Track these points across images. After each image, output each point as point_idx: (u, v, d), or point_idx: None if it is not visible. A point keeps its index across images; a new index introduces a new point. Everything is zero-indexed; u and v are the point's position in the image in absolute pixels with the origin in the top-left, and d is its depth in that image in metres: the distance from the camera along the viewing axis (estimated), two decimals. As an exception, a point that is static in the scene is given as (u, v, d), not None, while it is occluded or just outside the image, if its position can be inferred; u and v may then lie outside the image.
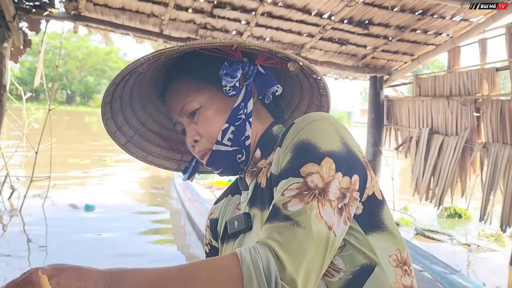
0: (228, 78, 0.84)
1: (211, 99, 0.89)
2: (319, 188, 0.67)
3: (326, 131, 0.73)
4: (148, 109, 1.05)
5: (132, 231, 4.45)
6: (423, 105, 5.38)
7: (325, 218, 0.65)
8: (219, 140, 0.88)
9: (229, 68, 0.85)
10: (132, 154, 1.03)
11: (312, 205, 0.66)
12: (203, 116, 0.88)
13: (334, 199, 0.67)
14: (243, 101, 0.88)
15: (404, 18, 4.52)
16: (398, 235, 0.78)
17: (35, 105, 27.31)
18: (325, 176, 0.68)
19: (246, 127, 0.88)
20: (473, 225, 5.60)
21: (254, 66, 0.88)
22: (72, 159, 8.91)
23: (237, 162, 0.90)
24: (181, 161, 1.11)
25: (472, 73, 4.63)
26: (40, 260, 3.45)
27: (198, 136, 0.89)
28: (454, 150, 4.79)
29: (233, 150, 0.88)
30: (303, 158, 0.71)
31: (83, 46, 49.08)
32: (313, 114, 0.77)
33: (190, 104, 0.89)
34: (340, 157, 0.71)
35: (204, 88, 0.90)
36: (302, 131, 0.74)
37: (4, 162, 4.77)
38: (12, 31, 3.87)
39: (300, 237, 0.64)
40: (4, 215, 4.58)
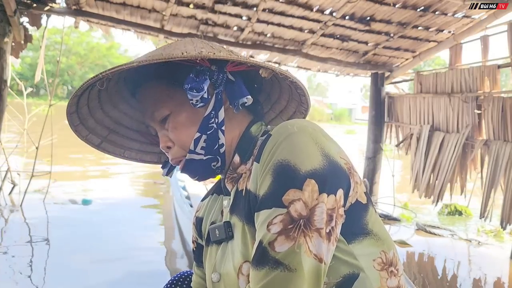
0: (193, 92, 0.80)
1: (181, 105, 0.86)
2: (303, 217, 0.65)
3: (305, 146, 0.70)
4: (121, 108, 1.02)
5: (132, 226, 4.45)
6: (424, 102, 5.37)
7: (314, 251, 0.64)
8: (191, 149, 0.86)
9: (195, 81, 0.81)
10: (108, 152, 1.02)
11: (299, 243, 0.64)
12: (173, 123, 0.86)
13: (321, 226, 0.65)
14: (214, 110, 0.85)
15: (406, 15, 4.51)
16: (384, 235, 0.76)
17: (36, 101, 27.38)
18: (309, 201, 0.66)
19: (219, 135, 0.86)
20: (473, 222, 5.60)
21: (223, 74, 0.85)
22: (74, 155, 8.92)
23: (212, 169, 0.88)
24: (161, 154, 1.08)
25: (473, 70, 4.62)
26: (43, 254, 3.46)
27: (171, 143, 0.88)
28: (455, 147, 4.79)
29: (207, 158, 0.86)
30: (284, 183, 0.68)
31: (84, 42, 49.06)
32: (290, 125, 0.74)
33: (160, 111, 0.86)
34: (322, 174, 0.68)
35: (175, 94, 0.86)
36: (280, 148, 0.71)
37: (5, 157, 4.78)
38: (13, 26, 3.87)
39: (293, 282, 0.63)
40: (5, 210, 4.59)
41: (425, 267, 3.96)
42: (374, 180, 6.04)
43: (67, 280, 2.97)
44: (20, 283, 2.89)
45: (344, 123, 48.35)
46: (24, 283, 2.90)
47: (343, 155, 0.74)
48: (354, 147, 14.67)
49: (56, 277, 3.00)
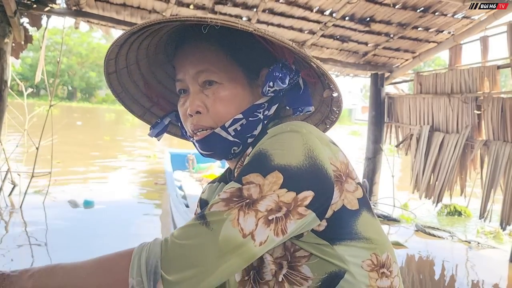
0: (279, 82, 0.81)
1: (234, 82, 0.84)
2: (251, 199, 0.65)
3: (290, 144, 0.70)
4: (150, 50, 0.96)
5: (133, 227, 4.46)
6: (424, 103, 5.37)
7: (242, 225, 0.63)
8: (225, 126, 0.83)
9: (282, 72, 0.82)
10: (110, 86, 0.96)
11: (232, 212, 0.64)
12: (220, 95, 0.83)
13: (262, 210, 0.64)
14: (269, 103, 0.86)
15: (405, 16, 4.51)
16: (378, 239, 0.76)
17: (36, 101, 27.41)
18: (265, 189, 0.65)
19: (258, 126, 0.86)
20: (472, 223, 5.60)
21: (297, 77, 0.85)
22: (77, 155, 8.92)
23: (230, 152, 0.87)
24: (148, 111, 1.05)
25: (473, 70, 4.63)
26: (42, 255, 3.46)
27: (204, 109, 0.84)
28: (454, 148, 4.79)
29: (233, 140, 0.85)
30: (252, 167, 0.69)
31: (84, 42, 49.08)
32: (286, 125, 0.74)
33: (210, 74, 0.83)
34: (294, 172, 0.67)
35: (231, 67, 0.84)
36: (267, 141, 0.72)
37: (5, 157, 4.78)
38: (13, 26, 3.88)
39: (202, 237, 0.64)
40: (4, 211, 4.59)
41: (423, 269, 3.96)
42: (374, 181, 6.04)
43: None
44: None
45: (344, 123, 48.36)
46: None
47: (335, 162, 0.73)
48: (359, 149, 14.67)
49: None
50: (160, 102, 1.04)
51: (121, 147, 12.31)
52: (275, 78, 0.81)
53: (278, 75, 0.81)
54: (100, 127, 20.83)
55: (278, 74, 0.81)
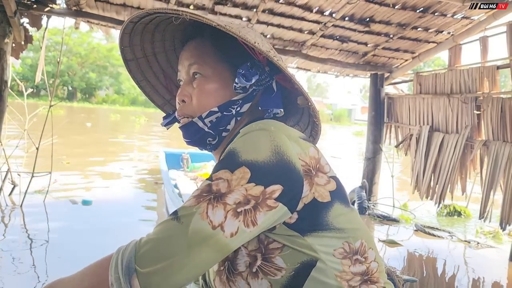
0: (242, 79, 0.87)
1: (217, 77, 0.91)
2: (219, 193, 0.68)
3: (257, 141, 0.73)
4: (166, 44, 1.07)
5: (132, 226, 4.46)
6: (424, 103, 5.38)
7: (211, 217, 0.66)
8: (201, 117, 0.90)
9: (249, 70, 0.88)
10: (130, 72, 1.05)
11: (200, 206, 0.67)
12: (202, 86, 0.91)
13: (231, 203, 0.67)
14: (243, 100, 0.92)
15: (405, 16, 4.52)
16: (350, 229, 0.79)
17: (36, 101, 27.41)
18: (233, 184, 0.69)
19: (231, 121, 0.92)
20: (472, 223, 5.61)
21: (270, 79, 0.91)
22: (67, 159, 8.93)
23: (205, 142, 0.94)
24: (167, 103, 1.15)
25: (473, 71, 4.64)
26: (42, 256, 3.46)
27: (188, 98, 0.92)
28: (454, 148, 4.80)
29: (207, 131, 0.91)
30: (222, 164, 0.72)
31: (85, 42, 49.08)
32: (256, 124, 0.78)
33: (198, 67, 0.91)
34: (261, 167, 0.70)
35: (217, 63, 0.92)
36: (238, 140, 0.76)
37: (5, 157, 4.79)
38: (13, 26, 3.89)
39: (172, 230, 0.67)
40: (5, 211, 4.60)
41: (423, 269, 3.96)
42: (373, 181, 6.05)
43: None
44: (21, 283, 2.90)
45: (344, 123, 48.33)
46: (25, 283, 2.91)
47: (304, 157, 0.76)
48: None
49: (57, 275, 3.01)
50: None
51: (133, 147, 12.33)
52: (239, 74, 0.87)
53: (242, 72, 0.87)
54: (109, 128, 20.87)
55: (242, 71, 0.87)
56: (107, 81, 53.90)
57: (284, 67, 0.83)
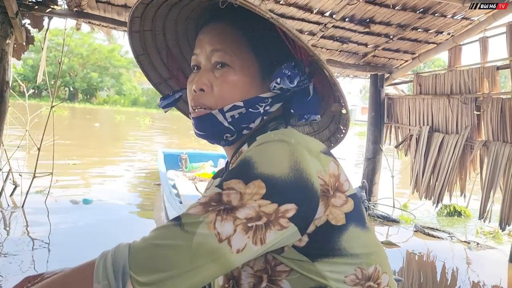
0: (287, 81, 0.78)
1: (246, 70, 0.82)
2: (230, 205, 0.62)
3: (276, 153, 0.67)
4: (179, 22, 0.96)
5: (132, 226, 4.48)
6: (424, 103, 5.39)
7: (219, 230, 0.60)
8: (223, 110, 0.81)
9: (292, 71, 0.79)
10: (132, 44, 0.95)
11: (209, 215, 0.61)
12: (228, 78, 0.81)
13: (241, 217, 0.61)
14: (272, 99, 0.83)
15: (405, 17, 4.53)
16: (364, 254, 0.73)
17: (38, 102, 27.46)
18: (246, 198, 0.62)
19: (256, 119, 0.83)
20: (472, 223, 5.61)
21: (308, 81, 0.82)
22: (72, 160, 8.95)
23: (222, 137, 0.84)
24: (164, 82, 1.05)
25: (473, 71, 4.64)
26: (44, 256, 3.48)
27: (208, 88, 0.82)
28: (454, 148, 4.81)
29: (227, 126, 0.82)
30: (235, 173, 0.66)
31: (86, 43, 49.15)
32: (274, 133, 0.71)
33: (224, 55, 0.81)
34: (277, 183, 0.64)
35: (247, 55, 0.82)
36: (254, 149, 0.69)
37: (7, 158, 4.81)
38: (15, 27, 3.90)
39: (175, 238, 0.60)
40: (6, 211, 4.62)
41: (423, 270, 3.97)
42: (374, 181, 6.06)
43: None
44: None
45: (345, 124, 48.16)
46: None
47: (324, 175, 0.69)
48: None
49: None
50: (179, 76, 1.03)
51: (142, 147, 12.35)
52: (283, 75, 0.79)
53: (287, 73, 0.79)
54: (117, 128, 20.91)
55: (287, 72, 0.79)
56: (108, 81, 53.95)
57: (331, 72, 0.76)
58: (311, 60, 0.79)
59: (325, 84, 0.83)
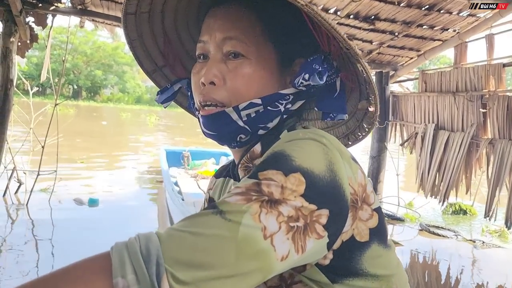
0: (316, 77, 0.68)
1: (263, 61, 0.72)
2: (272, 197, 0.53)
3: (311, 150, 0.59)
4: (180, 4, 0.85)
5: (136, 224, 4.48)
6: (429, 101, 5.36)
7: (265, 223, 0.51)
8: (238, 108, 0.70)
9: (322, 65, 0.69)
10: (125, 28, 0.83)
11: (252, 205, 0.52)
12: (244, 71, 0.70)
13: (285, 214, 0.52)
14: (294, 96, 0.74)
15: (410, 14, 4.50)
16: (385, 275, 0.65)
17: (42, 99, 27.57)
18: (287, 192, 0.53)
19: (275, 119, 0.73)
20: (478, 222, 5.58)
21: (335, 77, 0.73)
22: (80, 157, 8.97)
23: (235, 139, 0.74)
24: (159, 69, 0.92)
25: (478, 68, 4.61)
26: (47, 254, 3.49)
27: (220, 81, 0.71)
28: (460, 146, 4.78)
29: (242, 126, 0.72)
30: (270, 164, 0.57)
31: (90, 41, 49.27)
32: (303, 132, 0.63)
33: (238, 44, 0.70)
34: (316, 180, 0.55)
35: (265, 44, 0.72)
36: (284, 144, 0.60)
37: (12, 155, 4.82)
38: (19, 25, 3.90)
39: (217, 228, 0.50)
40: (11, 209, 4.63)
41: (428, 269, 3.95)
42: (378, 179, 6.03)
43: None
44: (27, 280, 2.92)
45: (349, 122, 48.15)
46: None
47: (354, 183, 0.61)
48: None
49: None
50: (175, 65, 0.92)
51: (152, 145, 12.37)
52: (313, 71, 0.69)
53: (317, 69, 0.69)
54: (124, 126, 20.98)
55: (318, 67, 0.69)
56: (112, 79, 54.11)
57: (367, 67, 0.66)
58: (340, 53, 0.70)
59: (352, 79, 0.74)
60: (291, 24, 0.73)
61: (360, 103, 0.76)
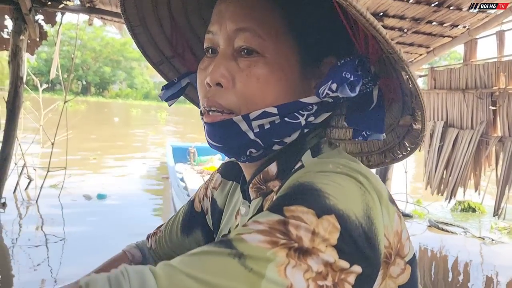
0: (347, 88, 0.53)
1: (283, 60, 0.58)
2: (300, 244, 0.42)
3: (347, 187, 0.48)
4: None
5: (144, 220, 4.51)
6: (438, 98, 5.32)
7: (291, 279, 0.41)
8: (248, 116, 0.57)
9: (356, 72, 0.54)
10: (124, 12, 0.69)
11: (277, 253, 0.41)
12: (258, 71, 0.57)
13: (314, 269, 0.42)
14: (319, 107, 0.59)
15: (419, 10, 4.45)
16: None
17: (51, 95, 27.78)
18: (318, 239, 0.43)
19: (293, 133, 0.60)
20: (487, 219, 5.55)
21: (371, 85, 0.58)
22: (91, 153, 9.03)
23: (244, 153, 0.61)
24: (166, 60, 0.79)
25: (489, 65, 4.56)
26: (58, 250, 3.52)
27: (229, 83, 0.58)
28: (469, 144, 4.74)
29: (253, 140, 0.59)
30: (298, 198, 0.46)
31: (99, 37, 49.49)
32: (334, 164, 0.52)
33: (253, 39, 0.57)
34: (351, 230, 0.45)
35: (285, 39, 0.58)
36: (309, 175, 0.50)
37: (22, 152, 4.86)
38: (29, 23, 3.93)
39: (237, 279, 0.40)
40: (21, 205, 4.68)
41: (436, 265, 3.94)
42: (386, 177, 6.01)
43: (83, 273, 3.04)
44: (37, 276, 2.96)
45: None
46: (41, 276, 2.96)
47: (389, 233, 0.50)
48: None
49: (72, 270, 3.07)
50: (185, 54, 0.78)
51: (164, 141, 12.44)
52: (343, 80, 0.54)
53: (348, 77, 0.53)
54: (135, 122, 21.10)
55: (349, 75, 0.53)
56: (121, 75, 54.34)
57: (414, 76, 0.53)
58: (380, 56, 0.56)
59: (393, 88, 0.60)
60: (319, 14, 0.60)
61: (403, 118, 0.64)
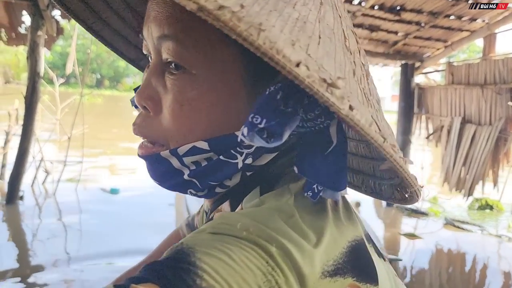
0: (256, 137, 0.37)
1: (218, 77, 0.44)
2: None
3: (240, 263, 0.34)
4: None
5: (158, 214, 4.55)
6: (456, 94, 5.24)
7: None
8: (176, 152, 0.46)
9: (278, 109, 0.38)
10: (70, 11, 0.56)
11: None
12: (186, 93, 0.44)
13: None
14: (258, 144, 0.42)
15: (437, 4, 4.39)
16: None
17: (66, 89, 28.04)
18: None
19: (234, 176, 0.47)
20: (504, 217, 5.47)
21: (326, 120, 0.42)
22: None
23: (185, 191, 0.49)
24: (145, 57, 0.69)
25: (508, 60, 4.47)
26: (76, 242, 3.58)
27: (155, 106, 0.47)
28: (487, 141, 4.67)
29: (188, 180, 0.47)
30: (159, 270, 0.35)
31: (112, 30, 49.87)
32: (246, 223, 0.38)
33: (178, 50, 0.43)
34: None
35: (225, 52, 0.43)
36: (199, 235, 0.38)
37: (39, 146, 4.93)
38: (46, 19, 3.98)
39: None
40: (39, 198, 4.76)
41: (453, 263, 3.91)
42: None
43: (100, 268, 3.08)
44: (57, 269, 3.01)
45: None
46: (61, 269, 3.01)
47: None
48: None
49: (90, 263, 3.11)
50: None
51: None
52: (253, 126, 0.37)
53: (257, 123, 0.37)
54: None
55: (259, 119, 0.37)
56: (134, 68, 54.66)
57: (397, 157, 0.41)
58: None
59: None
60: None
61: (383, 165, 0.50)
